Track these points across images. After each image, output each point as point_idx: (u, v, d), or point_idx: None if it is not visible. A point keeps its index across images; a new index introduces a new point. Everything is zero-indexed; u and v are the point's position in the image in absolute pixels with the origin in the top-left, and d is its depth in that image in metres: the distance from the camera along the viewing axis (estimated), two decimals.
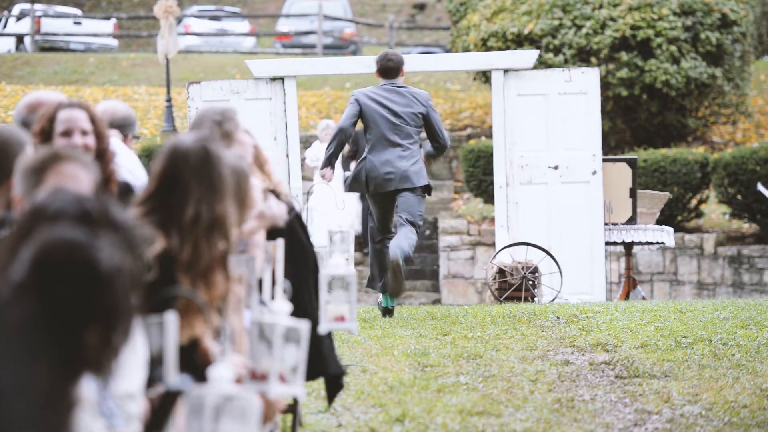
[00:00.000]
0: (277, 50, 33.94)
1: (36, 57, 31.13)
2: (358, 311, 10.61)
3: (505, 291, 12.69)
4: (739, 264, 18.61)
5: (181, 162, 4.52)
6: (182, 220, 4.45)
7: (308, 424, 6.99)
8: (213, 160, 4.54)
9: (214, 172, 4.53)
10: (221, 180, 4.53)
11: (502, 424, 7.00)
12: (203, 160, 4.53)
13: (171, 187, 4.49)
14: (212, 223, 4.47)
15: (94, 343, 2.79)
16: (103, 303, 2.79)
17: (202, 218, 4.45)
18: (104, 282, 2.77)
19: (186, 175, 4.49)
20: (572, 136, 13.64)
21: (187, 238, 4.44)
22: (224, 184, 4.54)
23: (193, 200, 4.46)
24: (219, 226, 4.49)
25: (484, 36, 21.54)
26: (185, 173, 4.50)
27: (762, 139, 22.76)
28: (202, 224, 4.44)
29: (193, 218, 4.44)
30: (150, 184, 4.55)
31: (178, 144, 4.58)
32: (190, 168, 4.50)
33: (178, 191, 4.48)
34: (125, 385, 3.57)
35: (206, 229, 4.45)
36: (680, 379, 7.99)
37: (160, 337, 3.86)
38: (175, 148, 4.57)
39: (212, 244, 4.46)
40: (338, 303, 5.65)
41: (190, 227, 4.45)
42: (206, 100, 13.63)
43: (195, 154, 4.53)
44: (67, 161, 4.05)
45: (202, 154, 4.53)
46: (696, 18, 21.17)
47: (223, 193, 4.53)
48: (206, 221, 4.45)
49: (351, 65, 15.04)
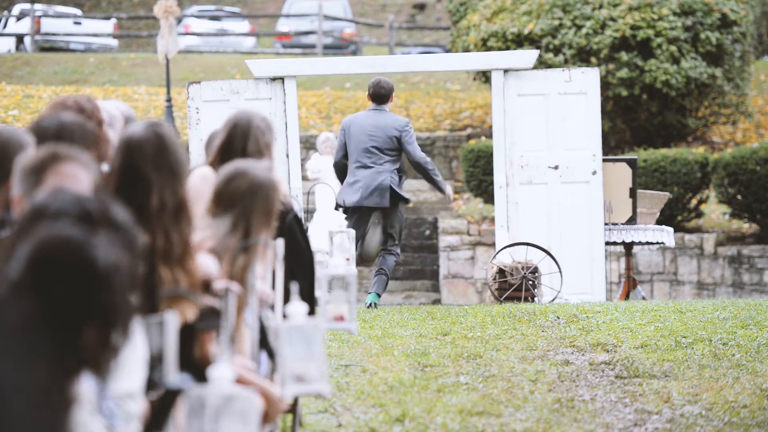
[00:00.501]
0: (277, 50, 33.94)
1: (36, 57, 31.13)
2: (358, 311, 10.61)
3: (505, 291, 12.69)
4: (739, 264, 18.61)
5: (136, 154, 4.48)
6: (149, 210, 4.41)
7: (308, 424, 6.99)
8: (168, 146, 4.50)
9: (171, 156, 4.49)
10: (178, 163, 4.50)
11: (502, 424, 7.00)
12: (158, 147, 4.49)
13: (132, 180, 4.45)
14: (178, 208, 4.44)
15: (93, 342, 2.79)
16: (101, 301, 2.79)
17: (168, 205, 4.42)
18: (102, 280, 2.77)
19: (144, 166, 4.45)
20: (572, 136, 13.64)
21: (157, 228, 4.41)
22: (182, 166, 4.52)
23: (156, 189, 4.43)
24: (184, 209, 4.46)
25: (484, 36, 21.54)
26: (143, 164, 4.46)
27: (762, 139, 22.76)
28: (168, 211, 4.42)
29: (159, 207, 4.40)
30: (110, 182, 4.52)
31: (130, 136, 4.54)
32: (146, 158, 4.47)
33: (141, 183, 4.44)
34: (125, 385, 3.57)
35: (173, 215, 4.42)
36: (680, 379, 7.99)
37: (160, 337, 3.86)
38: (128, 141, 4.52)
39: (182, 230, 4.43)
40: (338, 303, 5.65)
41: (158, 216, 4.41)
42: (206, 100, 13.64)
43: (149, 142, 4.49)
44: (66, 161, 4.04)
45: (156, 142, 4.50)
46: (696, 18, 21.18)
47: (182, 176, 4.50)
48: (172, 207, 4.42)
49: (351, 65, 15.03)
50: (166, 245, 4.41)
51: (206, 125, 13.22)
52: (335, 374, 8.17)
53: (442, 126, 24.05)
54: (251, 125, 6.15)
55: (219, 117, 12.49)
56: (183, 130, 22.63)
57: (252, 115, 6.23)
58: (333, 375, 8.13)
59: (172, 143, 4.52)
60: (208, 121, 13.34)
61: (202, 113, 13.62)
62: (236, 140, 6.13)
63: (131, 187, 4.45)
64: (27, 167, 4.07)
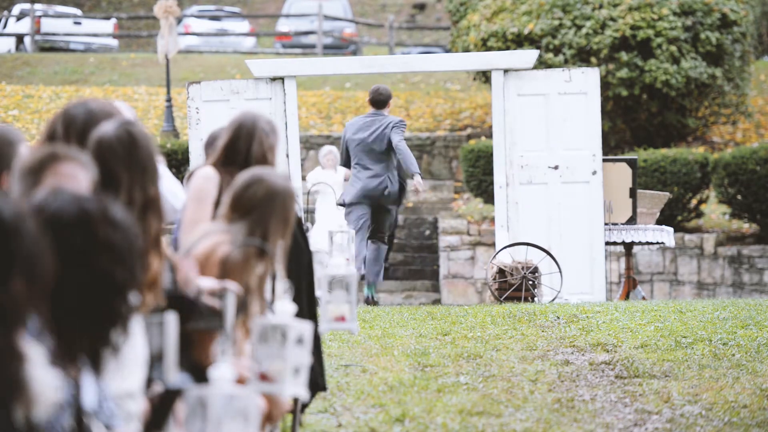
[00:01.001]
0: (277, 50, 33.94)
1: (36, 57, 31.13)
2: (358, 311, 10.61)
3: (505, 291, 12.69)
4: (739, 264, 18.61)
5: (108, 154, 4.45)
6: None
7: (308, 424, 6.99)
8: (138, 142, 4.47)
9: (142, 153, 4.46)
10: (150, 161, 4.47)
11: (502, 424, 7.00)
12: (129, 146, 4.46)
13: (104, 180, 4.44)
14: (145, 204, 4.41)
15: (21, 292, 2.82)
16: (15, 250, 2.82)
17: (135, 202, 4.40)
18: (10, 230, 2.81)
19: (115, 166, 4.43)
20: (572, 136, 13.64)
21: None
22: (153, 164, 4.49)
23: (124, 187, 4.40)
24: (153, 206, 4.43)
25: (484, 36, 21.54)
26: (114, 164, 4.43)
27: (762, 139, 22.76)
28: (136, 209, 4.40)
29: (127, 204, 4.37)
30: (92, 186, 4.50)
31: (102, 136, 4.51)
32: (117, 157, 4.44)
33: (112, 183, 4.41)
34: (125, 385, 3.57)
35: (139, 212, 4.41)
36: (680, 379, 7.99)
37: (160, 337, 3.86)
38: (100, 141, 4.50)
39: (146, 227, 4.42)
40: (338, 303, 5.65)
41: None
42: (206, 100, 13.64)
43: (120, 141, 4.46)
44: (65, 161, 4.04)
45: (127, 140, 4.47)
46: (696, 18, 21.18)
47: (152, 173, 4.47)
48: (140, 204, 4.40)
49: (351, 65, 15.03)
50: None
51: (206, 125, 13.22)
52: (335, 374, 8.17)
53: (442, 126, 24.06)
54: (256, 127, 6.15)
55: (219, 117, 12.55)
56: (183, 130, 22.63)
57: (257, 116, 6.23)
58: (333, 375, 8.14)
59: (144, 141, 4.49)
60: (208, 121, 13.35)
61: (202, 113, 13.63)
62: (240, 141, 6.12)
63: (102, 186, 4.44)
64: (25, 167, 4.06)
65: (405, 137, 13.64)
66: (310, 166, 22.38)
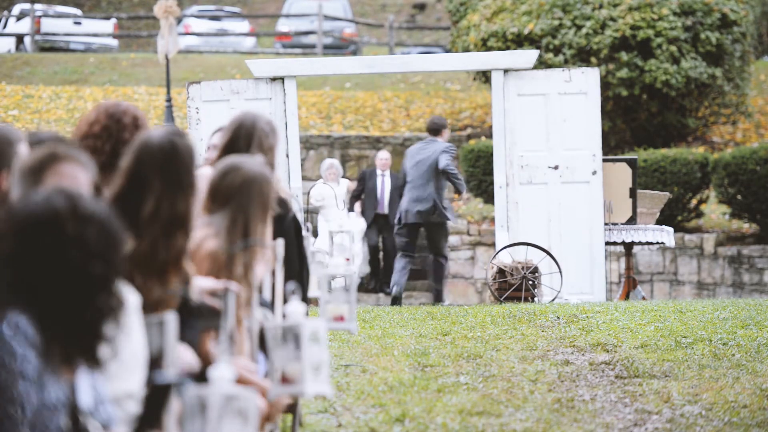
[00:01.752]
0: (277, 50, 33.93)
1: (36, 57, 31.13)
2: (357, 311, 10.61)
3: (505, 291, 12.69)
4: (739, 264, 18.61)
5: (146, 157, 4.43)
6: (141, 214, 4.37)
7: (308, 424, 6.98)
8: (179, 156, 4.44)
9: (180, 167, 4.43)
10: (186, 175, 4.44)
11: (502, 424, 7.00)
12: (169, 155, 4.43)
13: (136, 183, 4.41)
14: (172, 219, 4.38)
15: None
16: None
17: (162, 214, 4.37)
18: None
19: (149, 171, 4.40)
20: (572, 136, 13.64)
21: (144, 234, 4.35)
22: (189, 179, 4.45)
23: (153, 195, 4.37)
24: (180, 223, 4.40)
25: (484, 36, 21.54)
26: (149, 169, 4.40)
27: (762, 139, 22.75)
28: (160, 220, 4.37)
29: (152, 213, 4.34)
30: (118, 182, 4.47)
31: (146, 140, 4.49)
32: (154, 163, 4.41)
33: (143, 188, 4.39)
34: (125, 385, 3.57)
35: (165, 225, 4.38)
36: (680, 379, 7.98)
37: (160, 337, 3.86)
38: (143, 144, 4.47)
39: (170, 243, 4.39)
40: (338, 303, 5.65)
41: (148, 222, 4.35)
42: (206, 100, 13.64)
43: (161, 148, 4.44)
44: (65, 161, 4.03)
45: (168, 149, 4.44)
46: (696, 18, 21.17)
47: (186, 188, 4.43)
48: (165, 217, 4.38)
49: (351, 65, 15.03)
50: (149, 253, 4.36)
51: (206, 125, 13.22)
52: (335, 374, 8.17)
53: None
54: (256, 127, 6.14)
55: (219, 117, 12.55)
56: (183, 129, 22.61)
57: (257, 116, 6.22)
58: (333, 375, 8.13)
59: (186, 156, 4.45)
60: (208, 121, 13.34)
61: (202, 113, 13.63)
62: (240, 141, 6.12)
63: (133, 189, 4.42)
64: (25, 167, 4.06)
65: (406, 137, 13.80)
66: (309, 165, 22.39)
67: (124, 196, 4.40)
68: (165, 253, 4.35)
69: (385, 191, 18.81)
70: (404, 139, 22.80)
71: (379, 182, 18.84)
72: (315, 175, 21.94)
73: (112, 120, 5.47)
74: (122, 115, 5.50)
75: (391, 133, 23.37)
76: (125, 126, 5.47)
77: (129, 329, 3.55)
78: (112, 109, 5.52)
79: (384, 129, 23.82)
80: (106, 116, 5.50)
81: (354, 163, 22.79)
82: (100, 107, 5.56)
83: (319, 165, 22.52)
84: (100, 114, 5.50)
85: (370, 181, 18.87)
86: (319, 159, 22.70)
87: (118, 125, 5.47)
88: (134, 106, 5.66)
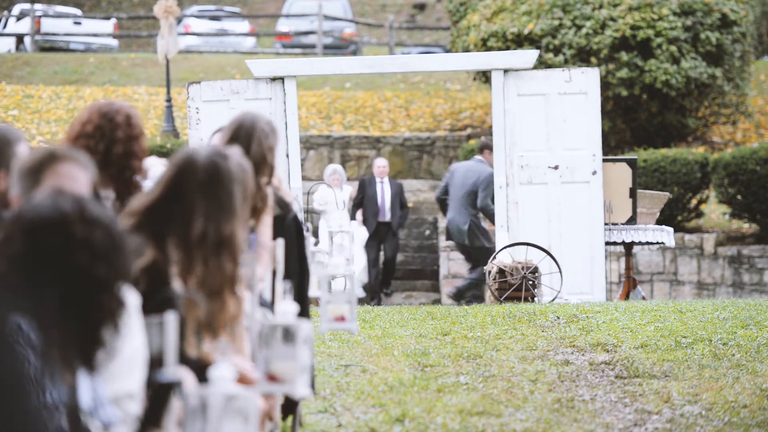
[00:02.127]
0: (277, 50, 33.93)
1: (36, 57, 31.13)
2: (358, 311, 10.60)
3: (505, 291, 12.69)
4: (739, 264, 18.61)
5: (188, 174, 4.36)
6: (189, 235, 4.29)
7: (308, 424, 6.99)
8: (223, 179, 4.37)
9: (223, 190, 4.36)
10: (229, 199, 4.37)
11: (502, 424, 7.00)
12: (212, 177, 4.37)
13: (175, 198, 4.35)
14: (220, 242, 4.31)
15: None
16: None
17: (209, 236, 4.31)
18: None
19: (191, 189, 4.34)
20: (572, 136, 13.64)
21: (195, 255, 4.30)
22: (233, 203, 4.37)
23: (199, 216, 4.31)
24: (227, 246, 4.34)
25: (484, 36, 21.54)
26: (191, 187, 4.34)
27: (762, 139, 22.75)
28: (209, 242, 4.33)
29: (201, 235, 4.29)
30: (155, 192, 4.39)
31: (189, 156, 4.42)
32: (196, 182, 4.35)
33: (182, 204, 4.33)
34: (126, 386, 3.57)
35: (214, 247, 4.32)
36: (680, 379, 7.98)
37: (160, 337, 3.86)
38: (185, 160, 4.40)
39: (220, 267, 4.33)
40: (338, 303, 5.65)
41: (198, 244, 4.30)
42: (206, 100, 13.64)
43: (204, 169, 4.37)
44: (64, 161, 4.03)
45: (211, 171, 4.37)
46: (696, 18, 21.17)
47: (230, 212, 4.36)
48: (213, 240, 4.32)
49: (351, 65, 15.03)
50: (204, 274, 4.32)
51: (206, 125, 13.22)
52: (335, 374, 8.17)
53: (442, 126, 24.06)
54: (255, 127, 6.14)
55: (219, 117, 12.56)
56: (183, 130, 22.63)
57: (257, 117, 6.22)
58: (333, 375, 8.13)
59: (229, 178, 4.37)
60: (208, 121, 13.35)
61: (202, 113, 13.63)
62: (240, 142, 6.11)
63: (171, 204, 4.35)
64: (25, 168, 4.06)
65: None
66: (309, 165, 22.39)
67: (159, 207, 4.36)
68: (219, 275, 4.31)
69: (386, 198, 18.52)
70: (404, 139, 22.80)
71: (379, 189, 18.54)
72: (315, 175, 21.94)
73: (105, 119, 5.45)
74: (115, 114, 5.48)
75: (391, 133, 23.38)
76: (118, 125, 5.45)
77: (129, 329, 3.55)
78: (104, 109, 5.50)
79: (384, 129, 23.82)
80: (99, 116, 5.48)
81: (354, 163, 22.79)
82: (93, 107, 5.54)
83: (319, 165, 22.53)
84: (92, 114, 5.48)
85: (370, 188, 18.61)
86: (319, 159, 22.71)
87: (111, 124, 5.45)
88: (128, 105, 5.64)
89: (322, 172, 22.04)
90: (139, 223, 4.31)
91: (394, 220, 18.43)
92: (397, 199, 18.56)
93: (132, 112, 5.56)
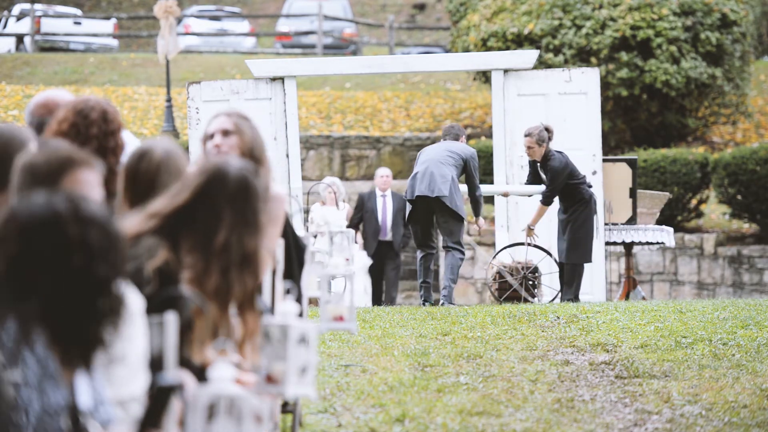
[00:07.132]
0: (277, 50, 33.94)
1: (36, 57, 31.13)
2: (357, 311, 10.61)
3: (505, 291, 12.69)
4: (739, 264, 18.62)
5: (219, 184, 4.35)
6: (211, 244, 4.28)
7: (308, 424, 6.98)
8: (251, 194, 4.37)
9: (250, 205, 4.36)
10: (254, 215, 4.36)
11: (502, 424, 7.00)
12: (241, 190, 4.35)
13: (202, 206, 4.34)
14: (244, 256, 4.31)
15: None
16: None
17: (232, 248, 4.29)
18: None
19: (220, 199, 4.33)
20: (572, 136, 13.64)
21: (213, 264, 4.29)
22: (257, 219, 4.37)
23: (225, 227, 4.29)
24: (250, 261, 4.33)
25: (484, 36, 21.55)
26: (220, 197, 4.33)
27: (762, 139, 22.76)
28: (231, 254, 4.31)
29: (223, 246, 4.28)
30: (182, 196, 4.36)
31: (221, 166, 4.40)
32: (227, 193, 4.34)
33: (208, 213, 4.32)
34: (131, 390, 3.57)
35: (236, 261, 4.30)
36: (680, 379, 7.98)
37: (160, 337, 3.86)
38: (217, 170, 4.39)
39: (241, 282, 4.32)
40: (338, 303, 5.65)
41: (219, 254, 4.29)
42: (206, 100, 13.64)
43: (236, 182, 4.36)
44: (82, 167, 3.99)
45: (242, 185, 4.36)
46: (696, 18, 21.18)
47: (255, 228, 4.35)
48: (236, 252, 4.30)
49: (351, 65, 15.04)
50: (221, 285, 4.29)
51: (206, 125, 13.22)
52: (335, 374, 8.17)
53: (442, 126, 24.06)
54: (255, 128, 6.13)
55: None
56: (183, 130, 22.63)
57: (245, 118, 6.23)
58: (333, 375, 8.13)
59: (256, 195, 4.37)
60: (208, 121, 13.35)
61: (202, 113, 13.63)
62: None
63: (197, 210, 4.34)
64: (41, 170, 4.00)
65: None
66: (309, 165, 22.39)
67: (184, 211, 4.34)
68: (240, 288, 4.31)
69: (387, 214, 16.92)
70: (404, 139, 22.80)
71: (380, 204, 16.94)
72: (315, 175, 21.93)
73: (80, 116, 5.42)
74: (90, 111, 5.45)
75: (391, 133, 23.38)
76: (93, 122, 5.41)
77: (133, 332, 3.55)
78: (79, 106, 5.47)
79: (384, 129, 23.82)
80: (74, 113, 5.45)
81: (354, 163, 22.79)
82: (69, 105, 5.50)
83: (319, 165, 22.53)
84: (68, 111, 5.45)
85: (369, 203, 16.97)
86: (319, 159, 22.71)
87: (86, 121, 5.41)
88: (106, 101, 5.60)
89: (322, 172, 22.04)
90: (160, 225, 4.30)
91: (396, 239, 16.87)
92: (400, 215, 16.52)
93: (108, 108, 5.51)
